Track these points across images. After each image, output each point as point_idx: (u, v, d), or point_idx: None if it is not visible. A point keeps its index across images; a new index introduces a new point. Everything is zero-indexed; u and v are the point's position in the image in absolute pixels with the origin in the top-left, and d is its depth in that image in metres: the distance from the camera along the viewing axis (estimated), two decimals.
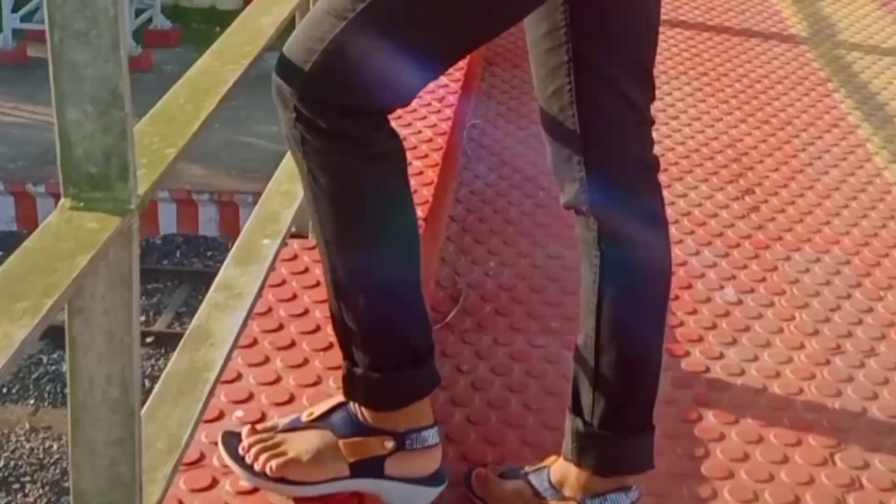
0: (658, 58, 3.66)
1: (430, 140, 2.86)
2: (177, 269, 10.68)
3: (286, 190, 2.08)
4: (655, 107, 3.24)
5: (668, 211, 2.79)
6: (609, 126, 1.74)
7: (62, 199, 1.27)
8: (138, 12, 17.25)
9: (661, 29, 1.76)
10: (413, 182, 2.65)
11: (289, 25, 1.86)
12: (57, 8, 1.23)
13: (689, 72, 3.84)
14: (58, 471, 7.80)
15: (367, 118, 1.58)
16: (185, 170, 10.96)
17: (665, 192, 1.81)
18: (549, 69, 1.73)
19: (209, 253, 11.03)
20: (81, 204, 1.26)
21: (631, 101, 1.73)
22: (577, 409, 1.72)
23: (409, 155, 2.76)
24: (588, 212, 1.73)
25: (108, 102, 1.26)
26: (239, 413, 1.78)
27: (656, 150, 1.76)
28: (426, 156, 2.78)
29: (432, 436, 1.65)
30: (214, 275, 1.82)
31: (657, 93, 1.78)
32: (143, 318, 8.85)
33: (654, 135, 1.76)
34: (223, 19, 18.40)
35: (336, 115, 1.56)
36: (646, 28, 1.75)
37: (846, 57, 4.03)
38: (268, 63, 1.59)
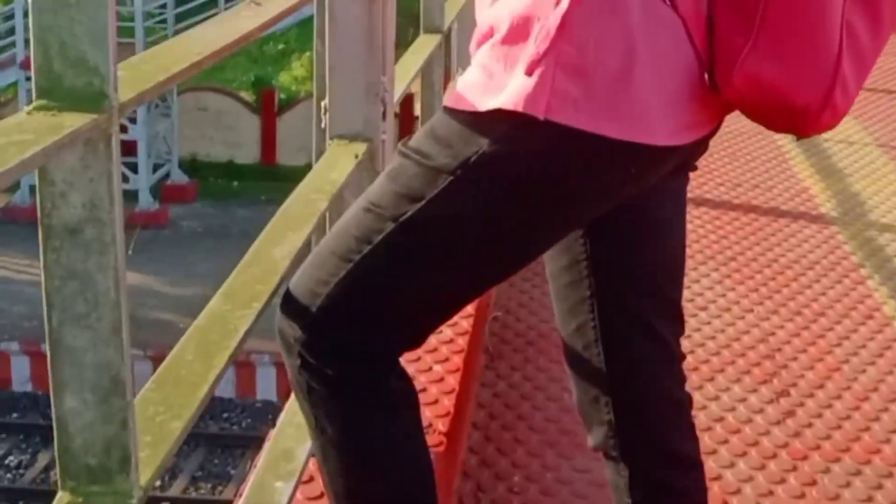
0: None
1: (451, 341, 2.77)
2: (192, 431, 10.54)
3: (300, 422, 1.98)
4: (683, 297, 3.15)
5: (700, 417, 2.71)
6: (637, 365, 1.66)
7: (59, 493, 1.18)
8: (156, 167, 17.45)
9: (686, 209, 1.70)
10: (434, 390, 2.57)
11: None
12: (56, 290, 1.15)
13: (716, 256, 3.75)
14: None
15: (377, 363, 1.50)
16: None
17: (696, 395, 1.71)
18: (570, 304, 1.66)
19: (225, 415, 10.92)
20: (80, 500, 1.17)
21: (659, 336, 1.66)
22: None
23: (428, 358, 2.69)
24: (618, 457, 1.64)
25: (108, 390, 1.18)
26: None
27: (686, 344, 1.67)
28: (447, 359, 2.69)
29: None
30: (231, 437, 1.72)
31: (685, 280, 1.70)
32: (157, 483, 8.73)
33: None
34: (241, 174, 18.65)
35: (344, 362, 1.49)
36: (670, 259, 1.68)
37: (878, 239, 3.95)
38: None
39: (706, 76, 1.49)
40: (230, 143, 18.38)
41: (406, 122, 8.90)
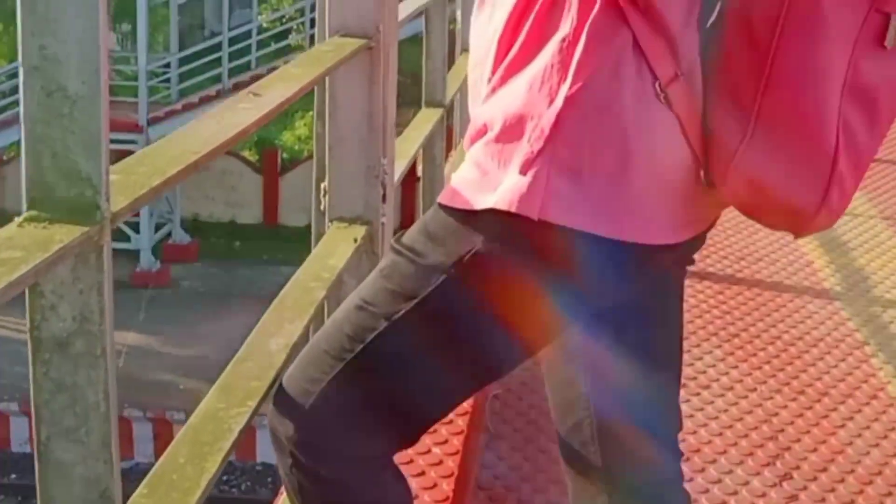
0: (687, 316, 3.54)
1: (450, 422, 2.73)
2: None
3: None
4: (686, 374, 3.11)
5: (702, 501, 2.67)
6: (634, 463, 1.64)
7: None
8: (158, 226, 17.46)
9: (689, 282, 1.67)
10: (432, 474, 2.53)
11: None
12: (44, 404, 1.12)
13: (719, 332, 3.72)
14: None
15: (370, 464, 1.48)
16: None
17: (698, 478, 1.68)
18: (567, 400, 1.64)
19: (224, 478, 10.84)
20: None
21: (657, 436, 1.64)
22: None
23: (427, 439, 2.66)
24: None
25: None
26: None
27: (688, 424, 1.64)
28: (445, 441, 2.66)
29: None
30: (230, 501, 1.68)
31: (688, 357, 1.68)
32: None
33: (686, 407, 1.66)
34: (243, 234, 18.66)
35: (336, 461, 1.47)
36: (667, 356, 1.66)
37: (883, 316, 3.92)
38: None
39: (701, 174, 1.47)
40: (232, 203, 18.40)
41: (408, 192, 8.90)
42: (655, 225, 1.44)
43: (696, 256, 1.67)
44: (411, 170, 3.16)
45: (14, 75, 18.23)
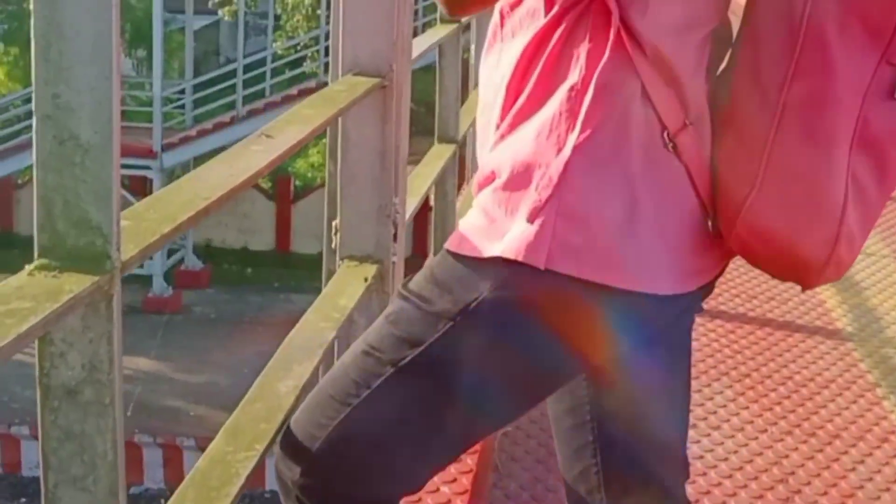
0: (698, 355, 3.53)
1: (459, 460, 2.72)
2: None
3: None
4: (696, 415, 3.09)
5: None
6: None
7: None
8: (170, 252, 17.52)
9: (699, 321, 1.66)
10: None
11: None
12: (52, 451, 1.12)
13: (730, 372, 3.71)
14: None
15: None
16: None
17: None
18: (573, 448, 1.64)
19: None
20: None
21: (663, 485, 1.63)
22: None
23: (436, 479, 2.65)
24: None
25: None
26: None
27: (698, 466, 1.64)
28: (454, 480, 2.65)
29: None
30: None
31: (697, 397, 1.68)
32: None
33: (695, 448, 1.66)
34: (255, 260, 18.71)
35: None
36: (675, 404, 1.66)
37: (895, 357, 3.90)
38: None
39: (709, 223, 1.47)
40: (245, 230, 18.44)
41: (420, 223, 8.91)
42: (663, 275, 1.44)
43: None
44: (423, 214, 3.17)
45: (29, 100, 18.33)
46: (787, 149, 1.42)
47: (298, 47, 20.71)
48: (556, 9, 1.44)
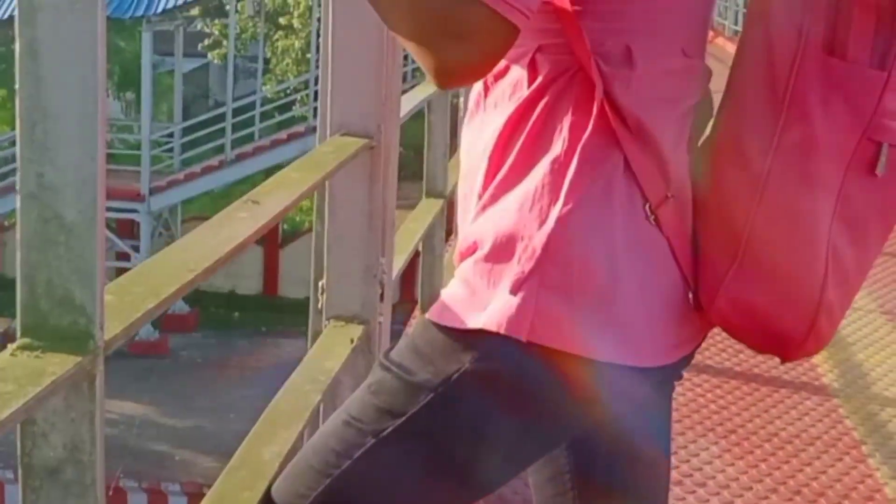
0: (684, 410, 3.52)
1: None
2: None
3: None
4: (682, 471, 3.08)
5: None
6: None
7: None
8: None
9: (686, 375, 1.66)
10: None
11: None
12: None
13: (716, 428, 3.70)
14: None
15: None
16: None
17: None
18: None
19: None
20: None
21: None
22: None
23: None
24: None
25: None
26: None
27: None
28: None
29: None
30: None
31: (683, 453, 1.67)
32: None
33: None
34: (243, 304, 18.67)
35: None
36: (655, 473, 1.66)
37: (881, 414, 3.90)
38: None
39: (690, 295, 1.48)
40: (232, 274, 18.40)
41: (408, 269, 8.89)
42: (645, 347, 1.44)
43: None
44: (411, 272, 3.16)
45: (14, 142, 18.31)
46: (768, 222, 1.43)
47: (288, 91, 20.79)
48: (539, 80, 1.45)
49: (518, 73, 1.48)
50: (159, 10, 17.62)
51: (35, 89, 1.08)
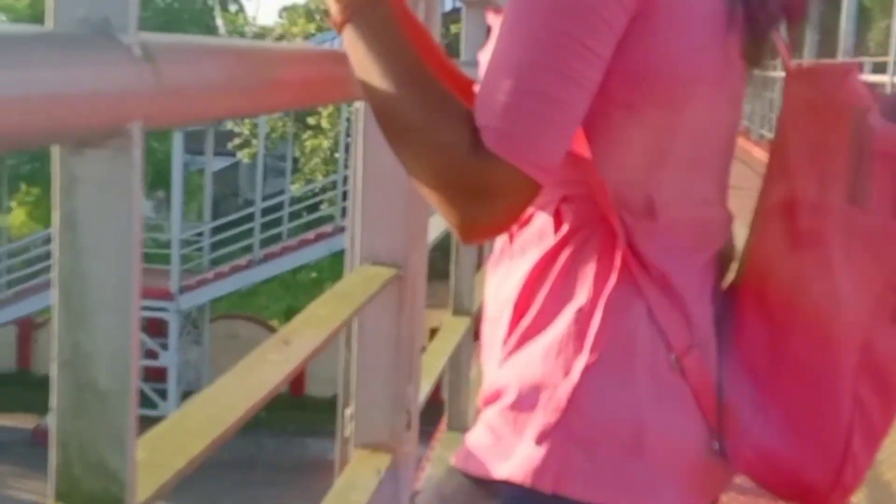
0: None
1: None
2: None
3: None
4: None
5: None
6: None
7: None
8: (185, 395, 17.54)
9: None
10: None
11: None
12: None
13: None
14: None
15: None
16: None
17: None
18: None
19: None
20: None
21: None
22: None
23: None
24: None
25: None
26: None
27: None
28: None
29: None
30: None
31: None
32: None
33: None
34: (270, 403, 18.45)
35: None
36: None
37: None
38: None
39: (715, 444, 1.48)
40: None
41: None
42: (671, 497, 1.45)
43: None
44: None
45: (48, 241, 18.53)
46: (791, 374, 1.44)
47: (316, 191, 20.97)
48: (564, 230, 1.48)
49: (543, 221, 1.51)
50: None
51: (73, 259, 1.11)
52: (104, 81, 1.03)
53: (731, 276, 1.57)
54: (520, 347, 1.49)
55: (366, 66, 1.40)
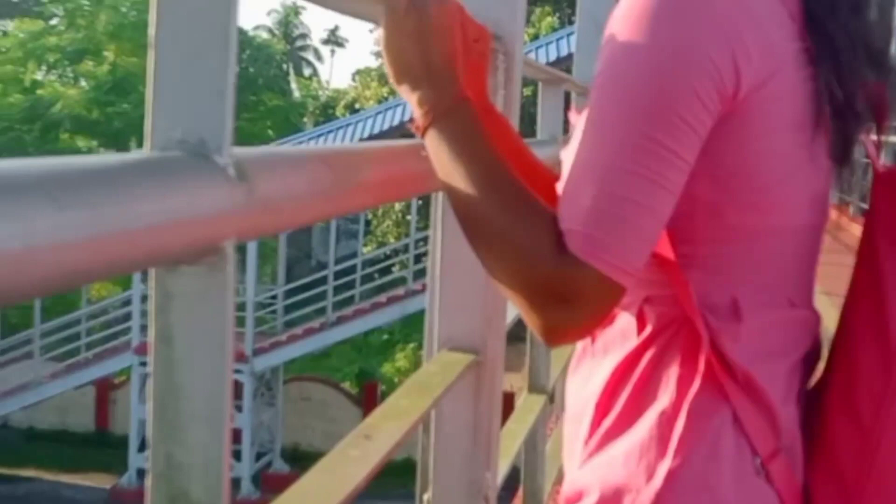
0: None
1: None
2: None
3: None
4: None
5: None
6: None
7: None
8: (258, 456, 17.57)
9: None
10: None
11: None
12: None
13: None
14: None
15: None
16: None
17: None
18: None
19: None
20: None
21: None
22: None
23: None
24: None
25: None
26: None
27: None
28: None
29: None
30: None
31: None
32: None
33: None
34: None
35: None
36: None
37: None
38: None
39: None
40: (332, 434, 18.42)
41: None
42: None
43: None
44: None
45: (127, 303, 18.79)
46: (880, 483, 1.43)
47: (388, 254, 21.07)
48: (647, 331, 1.48)
49: (626, 321, 1.51)
50: None
51: (168, 373, 1.13)
52: (201, 204, 1.06)
53: (818, 375, 1.56)
54: (601, 448, 1.49)
55: (448, 170, 1.41)
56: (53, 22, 31.09)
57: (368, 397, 19.05)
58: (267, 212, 1.21)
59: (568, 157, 1.40)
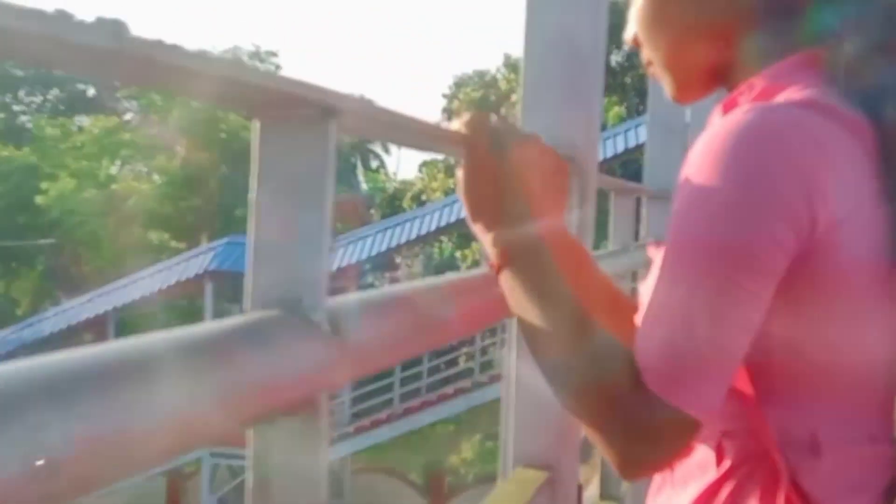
0: None
1: None
2: None
3: None
4: None
5: None
6: None
7: None
8: None
9: None
10: None
11: None
12: None
13: None
14: None
15: None
16: None
17: None
18: None
19: None
20: None
21: None
22: None
23: None
24: None
25: None
26: None
27: None
28: None
29: None
30: None
31: None
32: None
33: None
34: None
35: None
36: None
37: None
38: None
39: None
40: None
41: None
42: None
43: None
44: None
45: None
46: None
47: (454, 344, 21.04)
48: (726, 465, 1.49)
49: (705, 453, 1.52)
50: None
51: None
52: (299, 361, 1.12)
53: None
54: None
55: (523, 310, 1.44)
56: (127, 117, 31.72)
57: (436, 488, 18.96)
58: (358, 361, 1.26)
59: (646, 291, 1.43)
